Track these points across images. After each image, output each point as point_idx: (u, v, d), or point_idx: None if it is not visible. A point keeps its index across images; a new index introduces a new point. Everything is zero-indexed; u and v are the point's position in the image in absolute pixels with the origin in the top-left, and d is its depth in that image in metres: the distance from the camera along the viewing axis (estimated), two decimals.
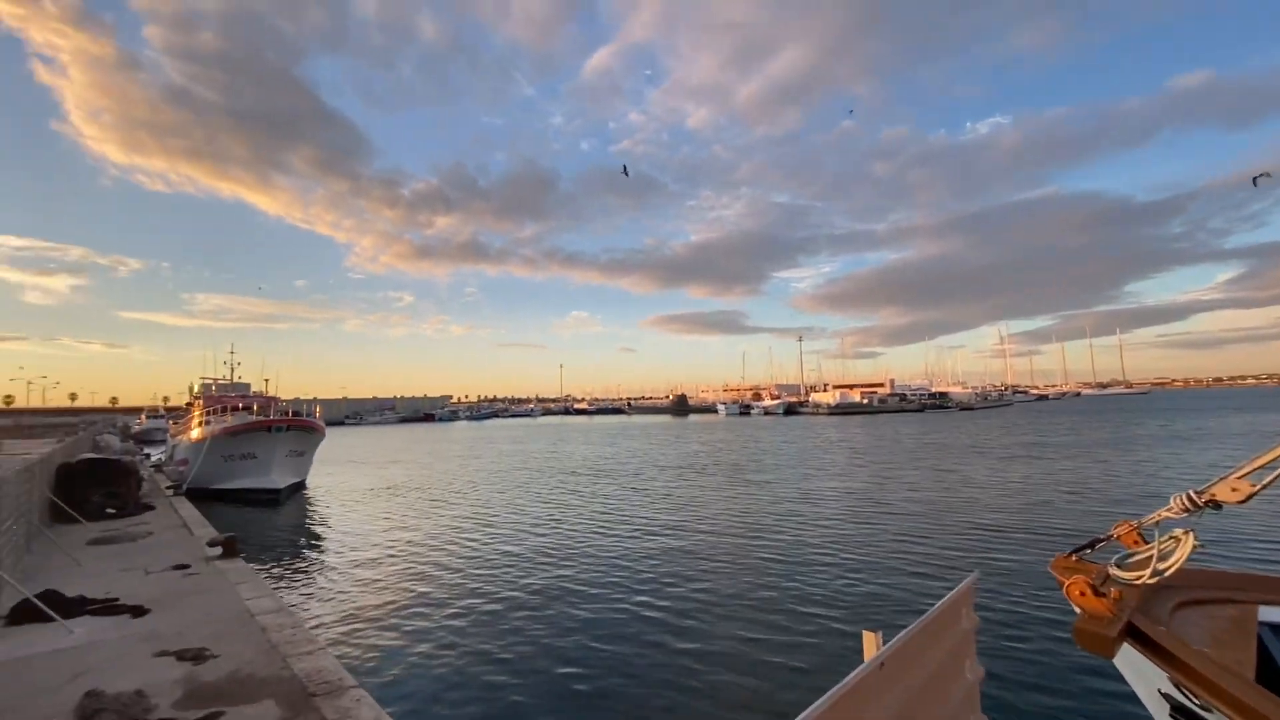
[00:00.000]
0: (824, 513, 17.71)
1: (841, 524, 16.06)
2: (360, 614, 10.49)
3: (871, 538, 14.38)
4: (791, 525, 16.09)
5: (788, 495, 20.92)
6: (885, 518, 16.65)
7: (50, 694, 5.39)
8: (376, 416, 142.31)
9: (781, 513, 17.84)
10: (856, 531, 15.10)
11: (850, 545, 13.73)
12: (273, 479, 23.79)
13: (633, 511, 18.93)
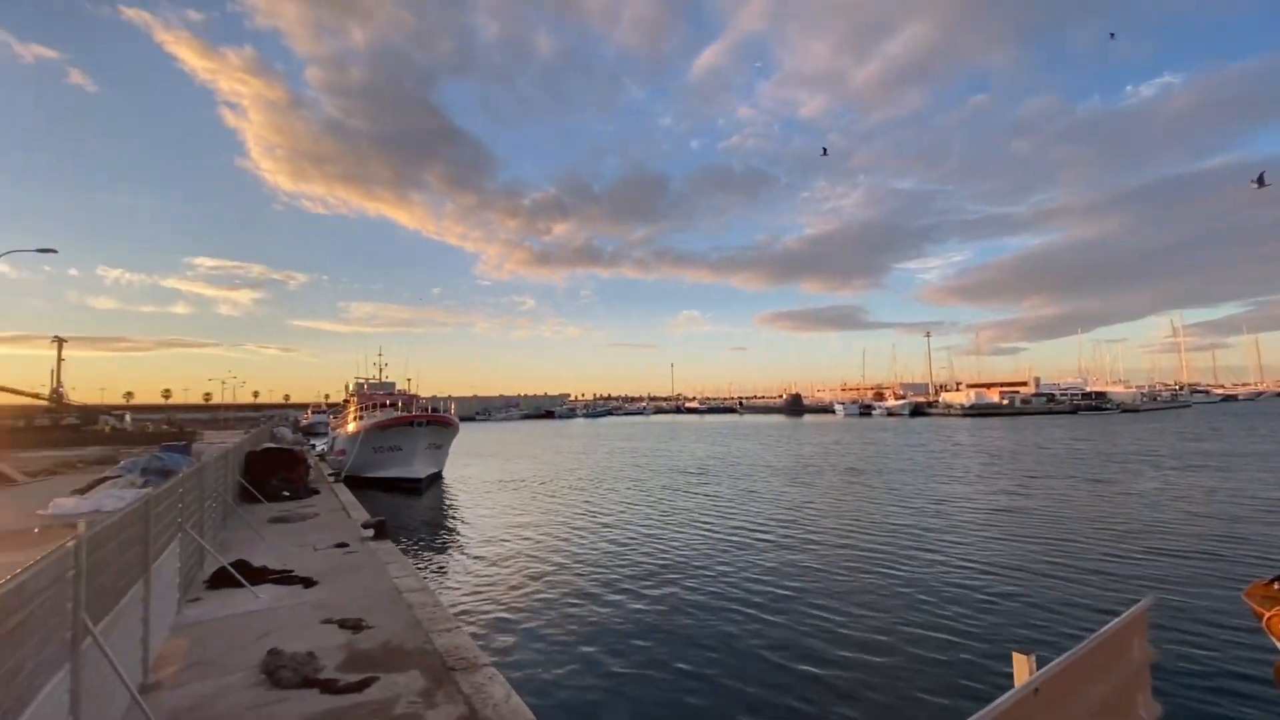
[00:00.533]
0: (957, 523, 16.39)
1: (978, 536, 14.77)
2: (490, 597, 11.23)
3: (1015, 553, 13.09)
4: (919, 535, 15.04)
5: (914, 503, 19.59)
6: (1031, 532, 15.08)
7: (242, 650, 6.28)
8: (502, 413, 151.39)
9: (907, 521, 16.73)
10: (996, 545, 13.82)
11: (989, 560, 12.59)
12: (415, 469, 26.09)
13: (742, 513, 18.64)
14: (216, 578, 8.36)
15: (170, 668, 5.86)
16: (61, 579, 3.68)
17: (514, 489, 26.06)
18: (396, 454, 26.64)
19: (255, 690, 5.35)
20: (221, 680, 5.56)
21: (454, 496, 24.53)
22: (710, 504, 20.45)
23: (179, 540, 7.18)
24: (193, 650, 6.27)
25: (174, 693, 5.31)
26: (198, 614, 7.34)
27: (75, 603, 3.83)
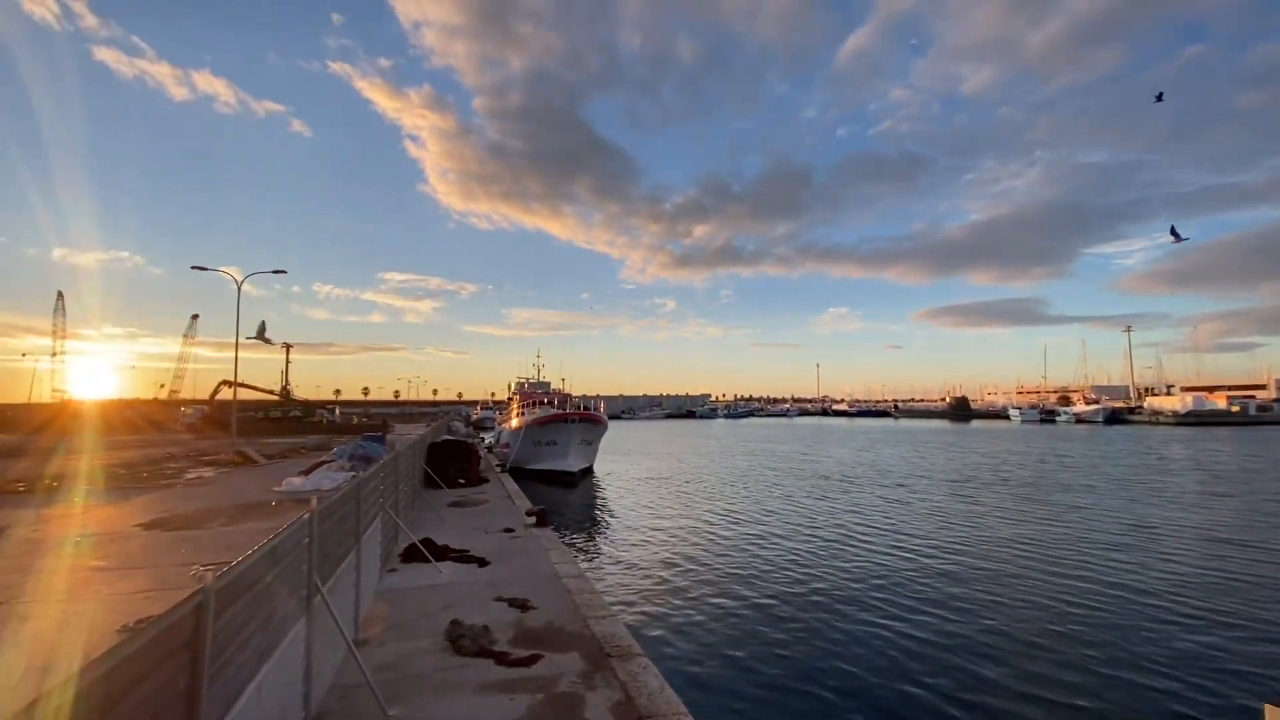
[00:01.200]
0: (1167, 550, 13.92)
1: (1196, 567, 12.43)
2: (638, 588, 11.61)
3: (1245, 590, 10.83)
4: (1115, 562, 12.99)
5: (1109, 525, 16.95)
6: (1270, 566, 12.38)
7: (429, 618, 7.09)
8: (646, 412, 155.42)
9: (1100, 545, 14.52)
10: (1219, 579, 11.54)
11: (1211, 594, 10.55)
12: (569, 463, 27.72)
13: (893, 524, 17.35)
14: (408, 552, 9.53)
15: (374, 627, 6.78)
16: (299, 545, 4.42)
17: (658, 486, 26.65)
18: (553, 448, 28.46)
19: (441, 655, 6.01)
20: (414, 643, 6.33)
21: (604, 490, 25.67)
22: (857, 513, 19.33)
23: (381, 518, 8.29)
24: (391, 614, 7.20)
25: (378, 649, 6.14)
26: (394, 583, 8.41)
27: (310, 565, 4.58)
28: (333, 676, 5.34)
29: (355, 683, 5.20)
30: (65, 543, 10.61)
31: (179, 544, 10.48)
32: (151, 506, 14.33)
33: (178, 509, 13.91)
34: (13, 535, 11.17)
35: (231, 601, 2.99)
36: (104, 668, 1.95)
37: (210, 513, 13.46)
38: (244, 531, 11.37)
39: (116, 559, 9.50)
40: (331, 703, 4.98)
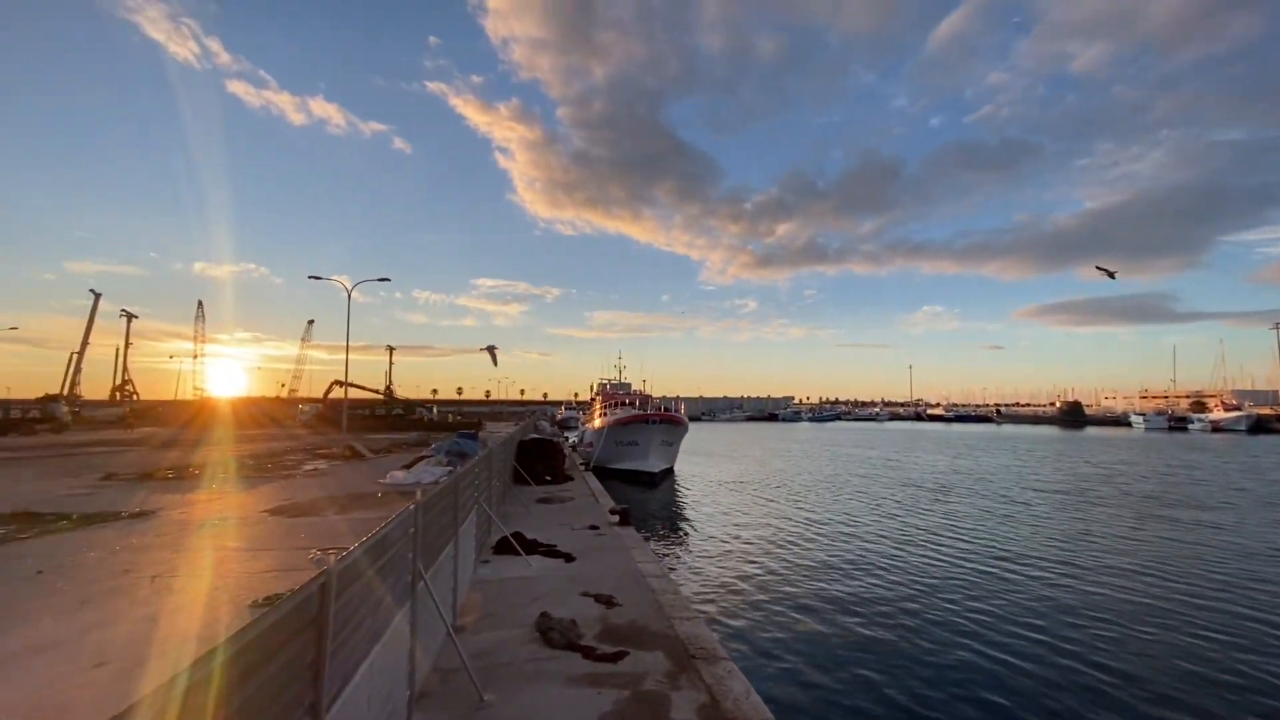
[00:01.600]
0: None
1: None
2: (719, 591, 11.50)
3: None
4: (1266, 594, 11.48)
5: (1255, 550, 14.99)
6: None
7: (520, 608, 7.37)
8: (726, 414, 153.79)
9: (1244, 574, 12.87)
10: None
11: None
12: (650, 463, 27.92)
13: (991, 539, 16.14)
14: (500, 545, 9.94)
15: (470, 615, 7.13)
16: (406, 534, 4.72)
17: (740, 489, 26.30)
18: (634, 448, 28.76)
19: (531, 645, 6.23)
20: (506, 632, 6.60)
21: (685, 491, 25.64)
22: (950, 524, 18.18)
23: (476, 511, 8.71)
24: (485, 603, 7.55)
25: (473, 636, 6.45)
26: (487, 574, 8.80)
27: (414, 553, 4.88)
28: (433, 659, 5.66)
29: (453, 667, 5.49)
30: (206, 525, 11.89)
31: (298, 529, 11.47)
32: (275, 495, 15.78)
33: (297, 498, 15.23)
34: (165, 517, 12.65)
35: (349, 584, 3.24)
36: (245, 639, 2.17)
37: (324, 502, 14.65)
38: (353, 520, 12.28)
39: (247, 541, 10.53)
40: (433, 684, 5.29)
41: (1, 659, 5.54)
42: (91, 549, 9.71)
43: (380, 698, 3.98)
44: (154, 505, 13.83)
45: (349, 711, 3.29)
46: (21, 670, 5.31)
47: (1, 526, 11.18)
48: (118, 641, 5.96)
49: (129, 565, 8.74)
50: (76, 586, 7.74)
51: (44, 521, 11.68)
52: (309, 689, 2.77)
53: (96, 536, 10.69)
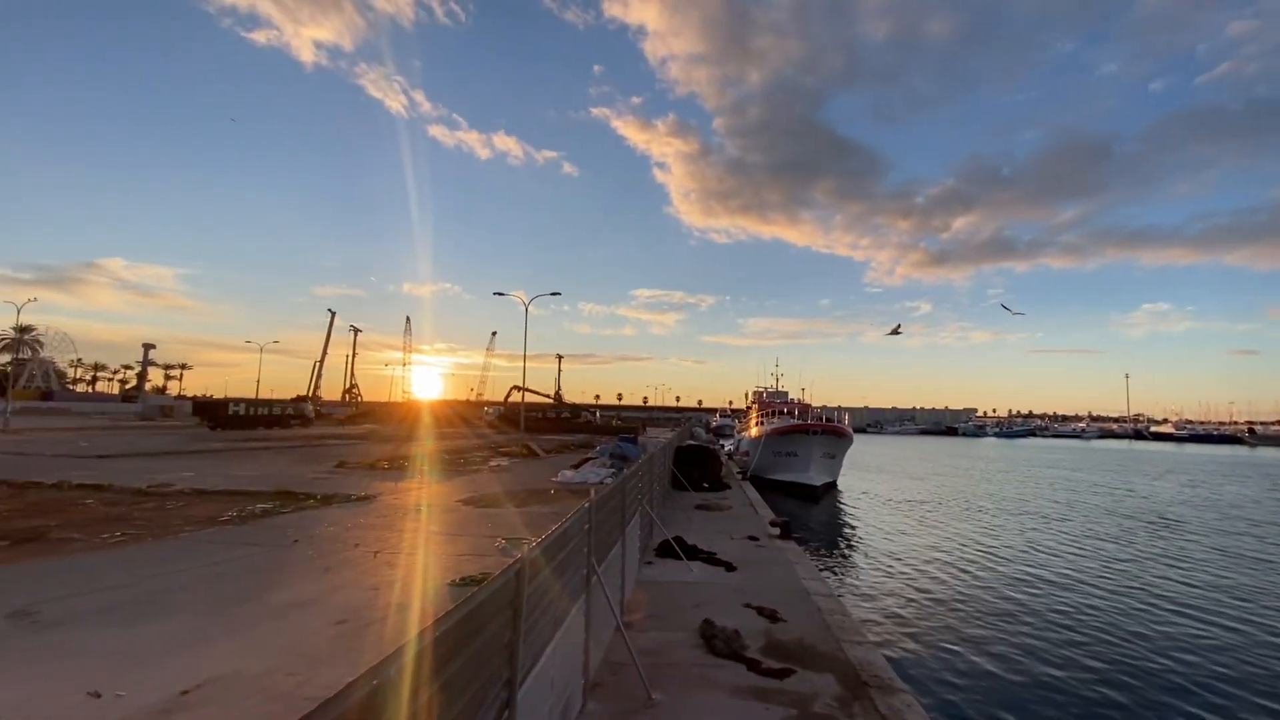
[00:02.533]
0: None
1: None
2: (890, 615, 10.68)
3: None
4: None
5: None
6: None
7: (683, 612, 7.48)
8: (896, 426, 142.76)
9: None
10: None
11: None
12: (811, 476, 26.84)
13: (1231, 589, 13.02)
14: (661, 548, 10.20)
15: (636, 613, 7.40)
16: (582, 530, 5.05)
17: (912, 508, 24.23)
18: (793, 459, 27.85)
19: (694, 650, 6.30)
20: (670, 634, 6.74)
21: (849, 507, 24.24)
22: (1177, 567, 15.03)
23: (640, 513, 9.04)
24: (649, 604, 7.79)
25: (640, 634, 6.68)
26: (650, 575, 9.08)
27: (589, 549, 5.20)
28: (603, 652, 5.97)
29: (622, 661, 5.74)
30: (412, 510, 13.70)
31: (486, 519, 12.76)
32: (466, 486, 17.72)
33: (484, 490, 16.96)
34: (382, 501, 14.80)
35: (538, 572, 3.55)
36: (457, 616, 2.47)
37: (506, 495, 16.13)
38: (531, 513, 13.37)
39: (444, 526, 11.95)
40: (604, 675, 5.57)
41: (274, 610, 6.87)
42: (330, 524, 11.67)
43: (560, 682, 4.29)
44: (374, 490, 16.25)
45: (535, 690, 3.59)
46: (286, 621, 6.54)
47: (269, 501, 13.86)
48: (352, 604, 7.09)
49: (358, 540, 10.37)
50: (322, 555, 9.36)
51: (297, 499, 14.28)
52: (505, 666, 3.08)
53: (334, 514, 12.82)
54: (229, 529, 11.01)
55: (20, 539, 9.69)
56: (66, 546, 9.37)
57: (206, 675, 5.10)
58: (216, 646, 5.76)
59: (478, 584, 7.90)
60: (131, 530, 10.59)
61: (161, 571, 8.18)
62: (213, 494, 14.78)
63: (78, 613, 6.52)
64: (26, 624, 6.19)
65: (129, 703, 4.63)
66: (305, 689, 4.92)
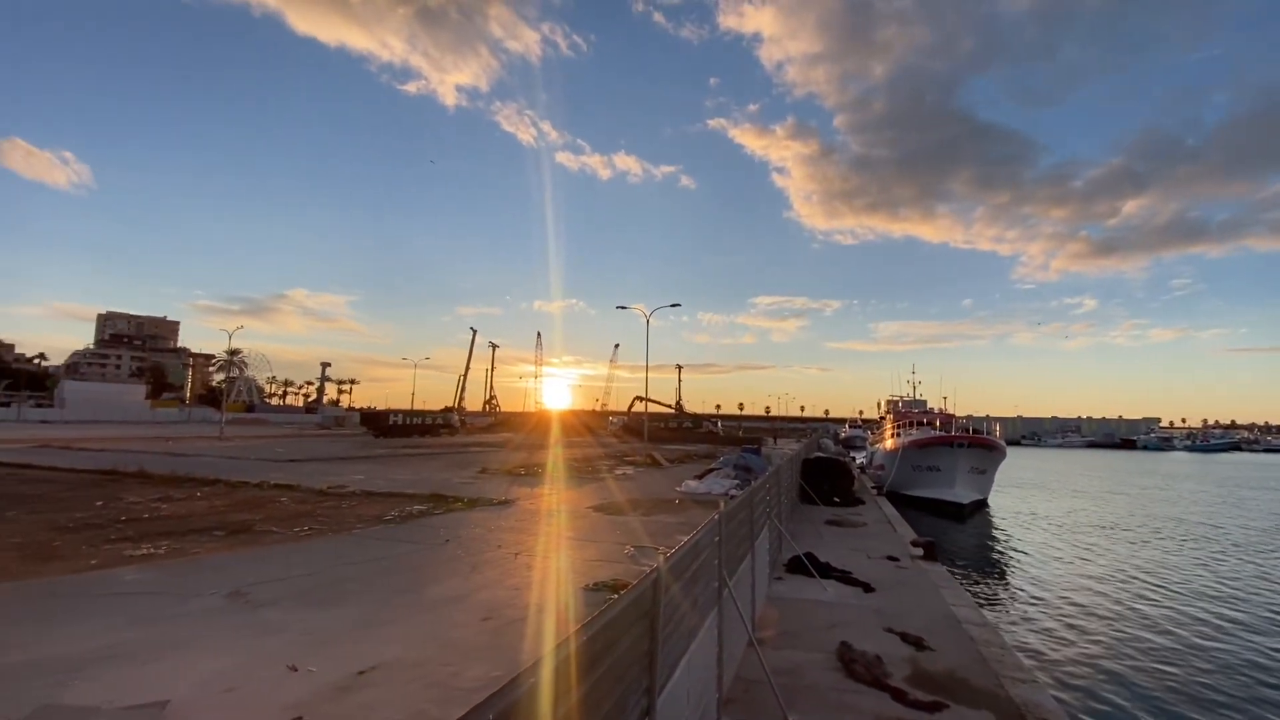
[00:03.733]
0: None
1: None
2: (1058, 653, 9.48)
3: None
4: None
5: None
6: None
7: (816, 633, 7.18)
8: (1056, 438, 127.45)
9: None
10: None
11: None
12: (956, 493, 24.67)
13: None
14: (792, 564, 9.88)
15: (767, 630, 7.21)
16: (713, 542, 5.03)
17: (1081, 532, 21.39)
18: (935, 474, 25.78)
19: (831, 674, 6.02)
20: (804, 654, 6.49)
21: (1003, 528, 21.93)
22: None
23: (768, 526, 8.83)
24: (781, 621, 7.56)
25: (773, 652, 6.50)
26: (781, 591, 8.82)
27: (719, 561, 5.17)
28: (735, 668, 5.88)
29: (754, 679, 5.62)
30: (546, 515, 14.43)
31: (615, 526, 13.12)
32: (595, 494, 18.35)
33: (611, 498, 17.46)
34: (519, 505, 15.74)
35: (673, 582, 3.60)
36: (600, 624, 2.56)
37: (632, 503, 16.49)
38: (658, 523, 13.54)
39: (576, 531, 12.45)
40: (736, 692, 5.49)
41: (430, 603, 7.54)
42: (475, 526, 12.60)
43: (695, 695, 4.29)
44: (513, 495, 17.32)
45: (672, 701, 3.62)
46: (440, 614, 7.15)
47: (424, 503, 15.26)
48: (497, 601, 7.60)
49: (500, 542, 11.10)
50: (469, 554, 10.13)
51: (447, 502, 15.59)
52: (645, 674, 3.14)
53: (478, 516, 13.84)
54: (392, 527, 12.27)
55: (233, 530, 11.47)
56: (268, 538, 10.95)
57: (377, 659, 5.70)
58: (384, 633, 6.44)
59: (610, 589, 8.17)
60: (316, 525, 12.14)
61: (340, 563, 9.30)
62: (378, 495, 16.56)
63: (278, 595, 7.59)
64: (241, 603, 7.30)
65: (318, 678, 5.30)
66: (458, 680, 5.33)
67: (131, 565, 8.84)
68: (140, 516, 12.48)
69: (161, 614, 6.83)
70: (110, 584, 7.93)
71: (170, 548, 9.92)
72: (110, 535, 10.66)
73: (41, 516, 12.13)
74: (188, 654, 5.75)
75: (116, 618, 6.67)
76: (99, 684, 5.08)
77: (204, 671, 5.36)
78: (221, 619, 6.75)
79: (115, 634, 6.19)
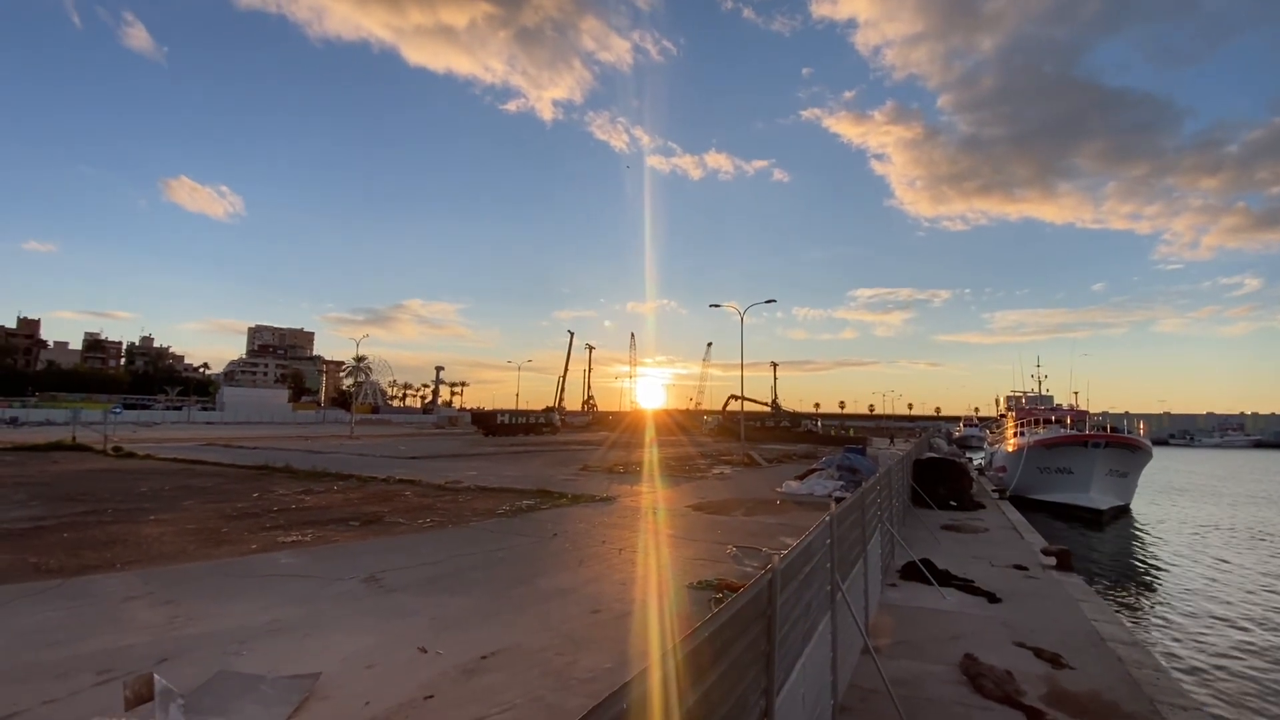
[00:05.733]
0: None
1: None
2: (1226, 679, 8.31)
3: None
4: None
5: None
6: None
7: (937, 644, 6.76)
8: (1215, 437, 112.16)
9: None
10: None
11: None
12: (1092, 497, 22.36)
13: None
14: (906, 570, 9.38)
15: (882, 638, 6.90)
16: (824, 545, 4.89)
17: (1244, 543, 18.65)
18: (1066, 477, 23.50)
19: (956, 688, 5.65)
20: (924, 666, 6.15)
21: (1150, 537, 19.59)
22: None
23: (880, 530, 8.45)
24: (896, 629, 7.21)
25: (890, 661, 6.21)
26: (895, 598, 8.40)
27: (832, 564, 5.02)
28: (850, 675, 5.68)
29: (872, 688, 5.41)
30: (647, 512, 14.62)
31: (714, 525, 13.07)
32: (693, 493, 18.36)
33: (710, 497, 17.40)
34: (620, 502, 16.06)
35: (788, 583, 3.54)
36: (719, 622, 2.57)
37: (732, 503, 16.34)
38: (758, 523, 13.34)
39: (677, 529, 12.52)
40: (852, 700, 5.30)
41: (542, 594, 7.88)
42: (580, 521, 13.01)
43: (810, 699, 4.20)
44: (613, 492, 17.71)
45: (789, 703, 3.56)
46: (552, 605, 7.45)
47: (532, 499, 15.95)
48: (604, 595, 7.82)
49: (604, 538, 11.39)
50: (576, 548, 10.48)
51: (553, 498, 16.20)
52: (763, 674, 3.12)
53: (582, 512, 14.27)
54: (504, 520, 12.94)
55: (366, 520, 12.57)
56: (396, 529, 11.90)
57: (498, 645, 6.04)
58: (503, 620, 6.81)
59: (714, 588, 8.17)
60: (437, 518, 13.04)
61: (460, 553, 9.94)
62: (490, 490, 17.51)
63: (407, 582, 8.23)
64: (375, 588, 7.99)
65: (446, 660, 5.69)
66: (573, 669, 5.54)
67: (285, 550, 9.94)
68: (289, 507, 13.98)
69: (311, 595, 7.61)
70: (269, 566, 8.95)
71: (315, 535, 11.04)
72: (265, 524, 12.02)
73: (211, 506, 13.90)
74: (334, 632, 6.38)
75: (275, 596, 7.52)
76: (263, 655, 5.75)
77: (348, 648, 5.92)
78: (360, 601, 7.42)
79: (275, 610, 6.98)
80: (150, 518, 12.33)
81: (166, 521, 11.98)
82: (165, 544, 10.16)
